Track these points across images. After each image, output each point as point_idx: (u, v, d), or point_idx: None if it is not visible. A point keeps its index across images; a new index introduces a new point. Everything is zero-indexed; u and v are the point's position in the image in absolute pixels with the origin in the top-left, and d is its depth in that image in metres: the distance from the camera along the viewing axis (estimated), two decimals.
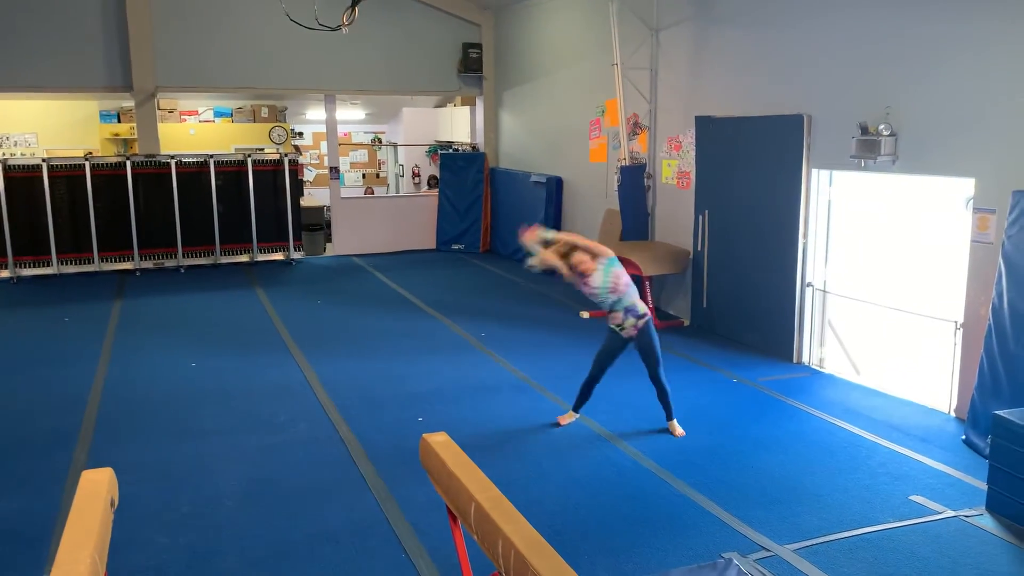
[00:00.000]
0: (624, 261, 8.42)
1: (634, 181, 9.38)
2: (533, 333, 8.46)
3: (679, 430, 5.79)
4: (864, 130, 6.40)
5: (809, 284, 7.37)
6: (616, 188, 9.60)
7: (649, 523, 4.50)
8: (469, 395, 6.57)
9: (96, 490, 2.82)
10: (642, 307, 5.62)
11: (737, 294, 8.06)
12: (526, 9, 12.41)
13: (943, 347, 6.21)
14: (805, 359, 7.47)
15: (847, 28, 6.74)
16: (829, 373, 7.23)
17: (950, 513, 4.60)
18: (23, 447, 5.57)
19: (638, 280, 8.69)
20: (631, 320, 5.57)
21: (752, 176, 7.75)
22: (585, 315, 9.11)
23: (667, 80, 9.16)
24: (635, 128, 9.60)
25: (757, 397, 6.59)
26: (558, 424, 5.93)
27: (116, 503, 2.95)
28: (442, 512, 4.44)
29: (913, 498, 4.78)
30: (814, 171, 7.19)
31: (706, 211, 8.34)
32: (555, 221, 11.71)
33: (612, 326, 5.69)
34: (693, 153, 8.60)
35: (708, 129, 8.29)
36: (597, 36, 10.17)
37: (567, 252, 5.53)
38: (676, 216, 9.08)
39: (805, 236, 7.31)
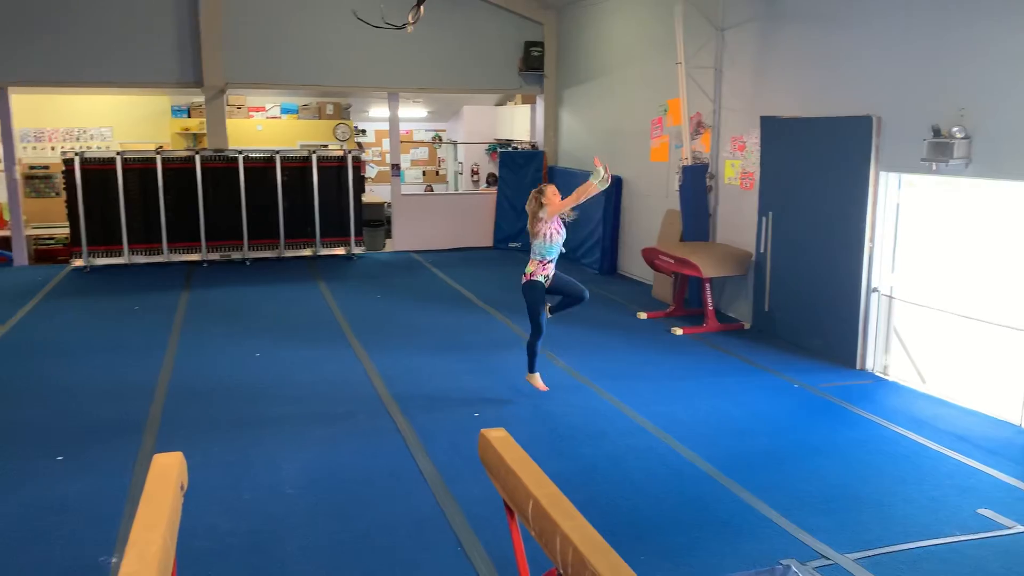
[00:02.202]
0: (683, 262, 8.39)
1: (696, 181, 9.28)
2: (589, 333, 8.44)
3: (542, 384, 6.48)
4: (936, 132, 6.22)
5: (875, 289, 7.21)
6: (677, 188, 9.51)
7: (706, 526, 4.46)
8: (524, 393, 6.59)
9: (167, 473, 2.91)
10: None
11: (800, 298, 7.92)
12: (589, 7, 12.38)
13: (1014, 356, 6.02)
14: (869, 366, 7.30)
15: (919, 26, 6.57)
16: (893, 381, 7.05)
17: (1020, 528, 4.45)
18: (95, 431, 5.77)
19: (698, 281, 8.63)
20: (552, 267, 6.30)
21: (818, 178, 7.60)
22: (643, 316, 9.06)
23: (732, 79, 9.04)
24: (698, 128, 9.50)
25: (818, 403, 6.47)
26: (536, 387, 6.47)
27: (186, 487, 3.04)
28: (498, 507, 4.46)
29: (981, 511, 4.64)
30: (882, 174, 7.02)
31: (770, 213, 8.22)
32: (614, 220, 11.66)
33: (543, 277, 6.27)
34: (757, 154, 8.47)
35: (773, 129, 8.16)
36: (661, 35, 10.09)
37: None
38: (738, 217, 8.96)
39: (872, 240, 7.14)
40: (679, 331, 8.40)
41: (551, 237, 6.18)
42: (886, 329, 7.23)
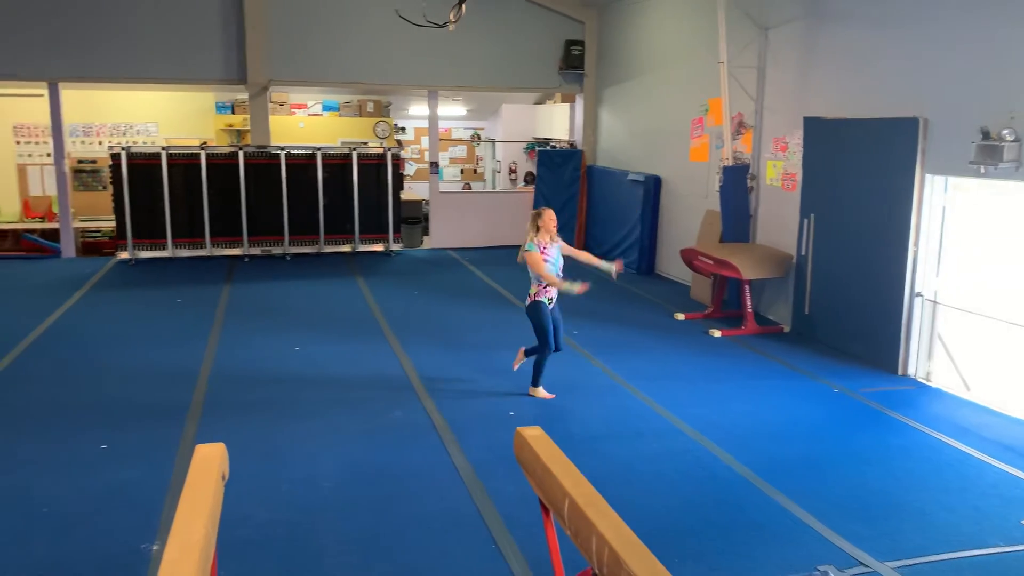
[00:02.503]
0: (723, 263, 8.32)
1: (737, 182, 9.19)
2: (626, 333, 8.41)
3: (546, 393, 6.50)
4: (985, 135, 6.09)
5: (919, 294, 7.07)
6: (718, 188, 9.43)
7: (742, 530, 4.42)
8: (560, 392, 6.58)
9: (209, 464, 2.96)
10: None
11: (841, 301, 7.80)
12: (631, 6, 12.31)
13: None
14: (911, 372, 7.17)
15: (968, 27, 6.43)
16: (936, 387, 6.92)
17: None
18: (139, 419, 5.89)
19: (737, 283, 8.56)
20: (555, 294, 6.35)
21: (862, 180, 7.48)
22: (680, 317, 9.00)
23: (775, 79, 8.93)
24: (739, 128, 9.41)
25: (859, 408, 6.38)
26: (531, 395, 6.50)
27: (227, 477, 3.09)
28: (532, 506, 4.47)
29: None
30: (928, 177, 6.89)
31: (812, 214, 8.11)
32: (652, 220, 11.59)
33: (546, 299, 6.34)
34: (800, 154, 8.37)
35: (817, 130, 8.05)
36: (703, 34, 10.01)
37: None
38: (779, 219, 8.86)
39: (916, 244, 7.01)
40: (717, 333, 8.33)
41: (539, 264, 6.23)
42: (929, 334, 7.10)
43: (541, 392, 6.50)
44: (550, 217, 6.30)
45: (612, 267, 6.39)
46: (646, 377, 6.99)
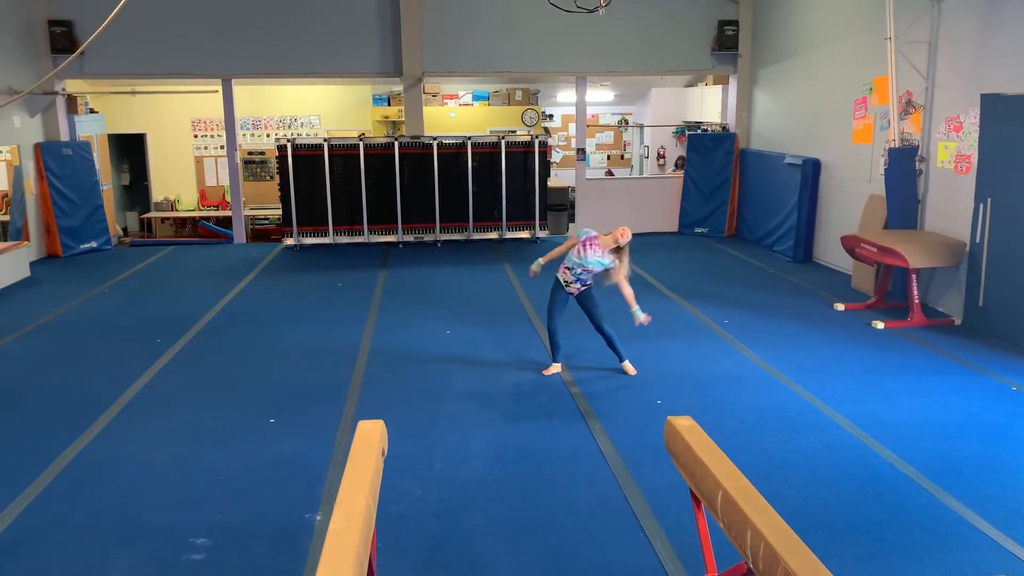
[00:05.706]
0: (888, 251, 7.87)
1: (904, 165, 8.64)
2: (780, 323, 8.11)
3: (632, 369, 6.64)
4: None
5: None
6: (882, 172, 8.91)
7: (906, 532, 4.19)
8: (709, 382, 6.45)
9: (370, 439, 3.11)
10: (587, 278, 6.71)
11: (1022, 292, 7.20)
12: None
13: None
14: None
15: None
16: None
17: None
18: (303, 395, 6.25)
19: (903, 272, 8.08)
20: (576, 285, 6.67)
21: None
22: (840, 307, 8.58)
23: (948, 55, 8.32)
24: (907, 107, 8.83)
25: None
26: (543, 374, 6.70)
27: (386, 452, 3.23)
28: (680, 495, 4.43)
29: None
30: None
31: (988, 199, 7.51)
32: (810, 206, 11.09)
33: (561, 280, 6.73)
34: (976, 135, 7.77)
35: (997, 109, 7.44)
36: (867, 8, 9.46)
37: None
38: (951, 204, 8.27)
39: None
40: (881, 325, 7.89)
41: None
42: None
43: (555, 368, 6.74)
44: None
45: (640, 316, 6.49)
46: (803, 369, 6.72)
